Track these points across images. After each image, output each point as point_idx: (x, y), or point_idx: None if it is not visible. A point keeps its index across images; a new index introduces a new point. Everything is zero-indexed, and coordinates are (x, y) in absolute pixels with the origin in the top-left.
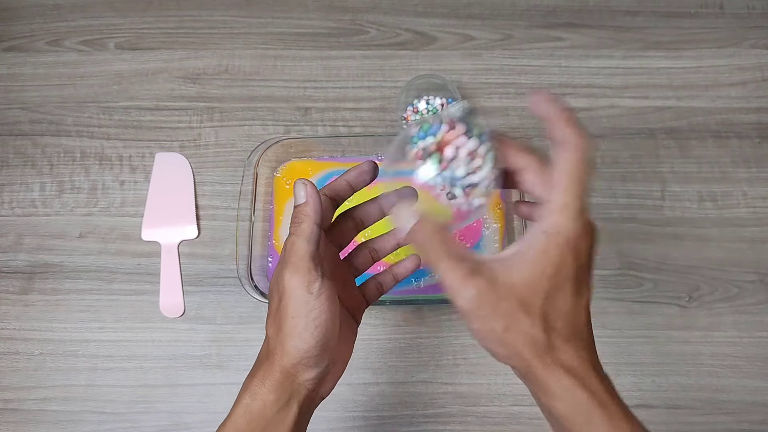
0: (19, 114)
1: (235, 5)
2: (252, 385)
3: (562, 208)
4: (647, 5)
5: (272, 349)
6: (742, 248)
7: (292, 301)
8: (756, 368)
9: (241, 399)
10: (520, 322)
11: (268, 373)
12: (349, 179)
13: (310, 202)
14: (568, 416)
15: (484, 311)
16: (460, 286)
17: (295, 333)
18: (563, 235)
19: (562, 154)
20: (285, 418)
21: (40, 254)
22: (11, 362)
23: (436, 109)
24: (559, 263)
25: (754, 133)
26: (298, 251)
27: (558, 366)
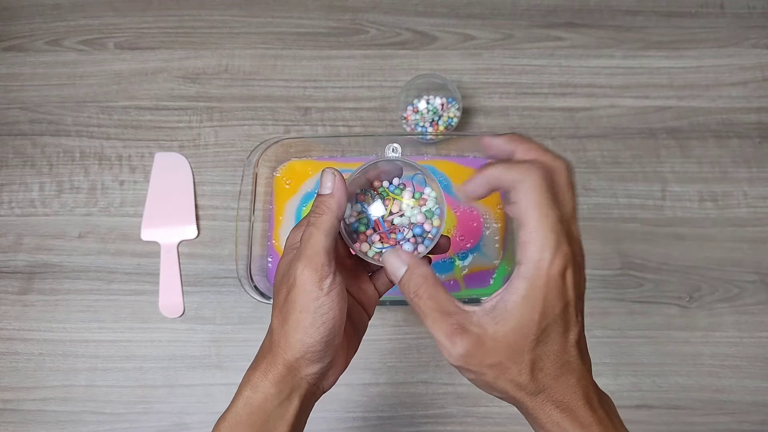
0: (18, 114)
1: (235, 5)
2: (254, 378)
3: (539, 249)
4: (648, 5)
5: (276, 342)
6: (743, 248)
7: (302, 295)
8: (756, 368)
9: (242, 391)
10: (509, 371)
11: (271, 365)
12: (369, 177)
13: (336, 195)
14: None
15: (473, 365)
16: (448, 343)
17: (300, 327)
18: (543, 278)
19: (521, 193)
20: (286, 412)
21: (40, 254)
22: (11, 362)
23: (436, 108)
24: (544, 306)
25: (754, 133)
26: (315, 245)
27: (548, 402)
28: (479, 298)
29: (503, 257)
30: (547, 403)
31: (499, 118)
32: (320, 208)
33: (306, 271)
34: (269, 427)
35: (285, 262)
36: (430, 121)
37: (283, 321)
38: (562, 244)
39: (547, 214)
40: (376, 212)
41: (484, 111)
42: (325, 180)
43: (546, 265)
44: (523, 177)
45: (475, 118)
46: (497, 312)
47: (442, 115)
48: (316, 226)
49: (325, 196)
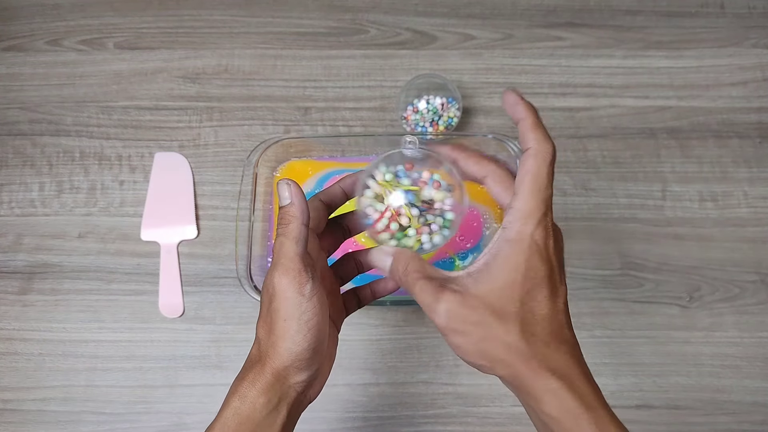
0: (18, 114)
1: (235, 5)
2: (241, 388)
3: (526, 216)
4: (648, 5)
5: (263, 351)
6: (743, 248)
7: (284, 303)
8: (757, 368)
9: (230, 401)
10: (494, 329)
11: (259, 375)
12: (344, 186)
13: (296, 202)
14: (557, 418)
15: (457, 323)
16: (432, 302)
17: (287, 335)
18: (527, 242)
19: (526, 161)
20: (274, 422)
21: (39, 254)
22: (10, 362)
23: (436, 108)
24: (528, 269)
25: (755, 132)
26: (287, 252)
27: (544, 369)
28: None
29: None
30: (543, 370)
31: (499, 118)
32: (285, 218)
33: (284, 279)
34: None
35: (267, 273)
36: (430, 121)
37: (269, 331)
38: (548, 217)
39: (545, 185)
40: (396, 202)
41: (484, 111)
42: (282, 191)
43: (530, 230)
44: (541, 144)
45: (475, 118)
46: (479, 274)
47: (442, 115)
48: (285, 235)
49: (287, 206)
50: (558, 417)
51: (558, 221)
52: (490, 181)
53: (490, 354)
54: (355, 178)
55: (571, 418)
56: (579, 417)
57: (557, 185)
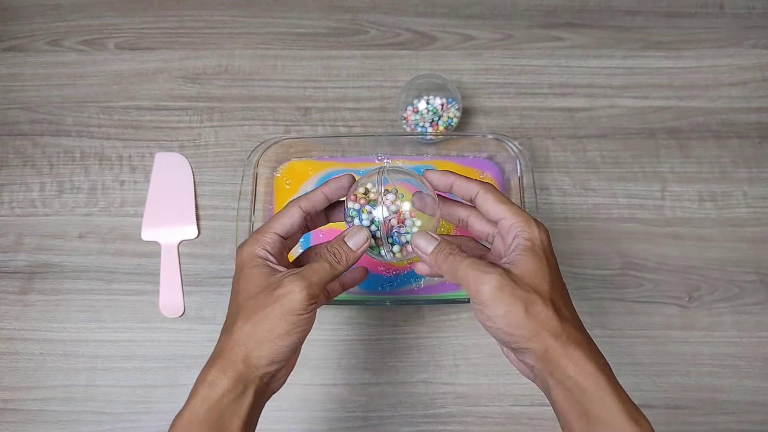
0: (18, 114)
1: (235, 5)
2: (210, 375)
3: (527, 225)
4: (647, 5)
5: (239, 340)
6: (742, 248)
7: (288, 307)
8: (756, 368)
9: (199, 389)
10: (536, 304)
11: (229, 363)
12: (326, 192)
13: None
14: (580, 384)
15: (505, 295)
16: (482, 275)
17: (275, 333)
18: (538, 241)
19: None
20: (240, 407)
21: (40, 254)
22: (11, 362)
23: (436, 109)
24: (547, 260)
25: (754, 133)
26: (322, 280)
27: (571, 343)
28: None
29: None
30: (570, 344)
31: (498, 118)
32: (340, 258)
33: (303, 294)
34: (225, 422)
35: (262, 272)
36: (430, 122)
37: (257, 323)
38: (537, 222)
39: (514, 206)
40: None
41: (484, 111)
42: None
43: (537, 234)
44: (480, 186)
45: (475, 118)
46: (516, 261)
47: (442, 115)
48: (332, 269)
49: (352, 254)
50: (582, 382)
51: (558, 221)
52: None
53: (530, 325)
54: (339, 184)
55: (592, 383)
56: (599, 382)
57: (557, 185)
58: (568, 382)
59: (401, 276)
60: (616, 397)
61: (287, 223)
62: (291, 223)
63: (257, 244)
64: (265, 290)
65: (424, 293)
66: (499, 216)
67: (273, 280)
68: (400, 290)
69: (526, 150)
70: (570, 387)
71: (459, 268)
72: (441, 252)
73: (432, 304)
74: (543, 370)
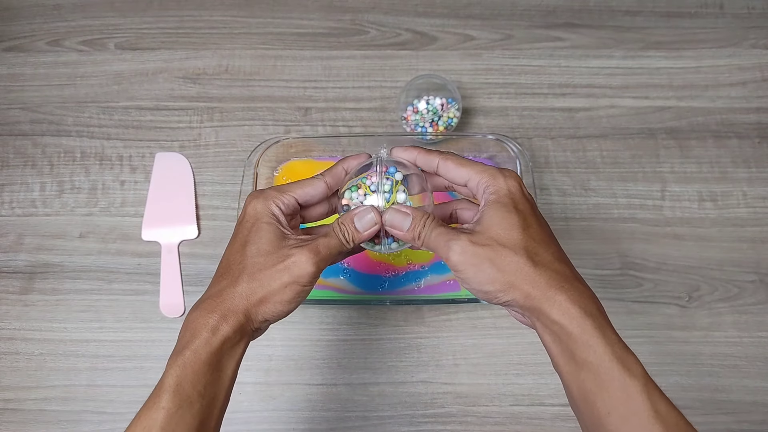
0: (19, 114)
1: (235, 5)
2: (212, 320)
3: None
4: (647, 5)
5: (243, 295)
6: (742, 248)
7: (295, 277)
8: (756, 368)
9: (201, 331)
10: (503, 255)
11: (232, 314)
12: (346, 167)
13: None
14: (565, 328)
15: (470, 257)
16: (448, 242)
17: (279, 296)
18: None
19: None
20: (236, 353)
21: (41, 254)
22: (11, 362)
23: (436, 109)
24: (515, 205)
25: (754, 133)
26: (331, 255)
27: (551, 287)
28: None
29: None
30: (550, 288)
31: (498, 119)
32: (350, 237)
33: (312, 268)
34: (223, 365)
35: (272, 230)
36: (430, 122)
37: (262, 285)
38: (504, 172)
39: (477, 164)
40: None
41: (484, 111)
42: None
43: (503, 184)
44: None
45: (474, 118)
46: (481, 219)
47: (442, 115)
48: (341, 246)
49: (359, 235)
50: (563, 322)
51: (557, 221)
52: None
53: (500, 280)
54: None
55: (575, 322)
56: (582, 320)
57: (557, 185)
58: (554, 327)
59: (401, 276)
60: (602, 340)
61: (310, 192)
62: (313, 193)
63: (274, 201)
64: (276, 253)
65: (424, 293)
66: (465, 178)
67: (284, 244)
68: (400, 290)
69: (526, 150)
70: (556, 331)
71: (431, 238)
72: (414, 229)
73: (432, 304)
74: (530, 317)
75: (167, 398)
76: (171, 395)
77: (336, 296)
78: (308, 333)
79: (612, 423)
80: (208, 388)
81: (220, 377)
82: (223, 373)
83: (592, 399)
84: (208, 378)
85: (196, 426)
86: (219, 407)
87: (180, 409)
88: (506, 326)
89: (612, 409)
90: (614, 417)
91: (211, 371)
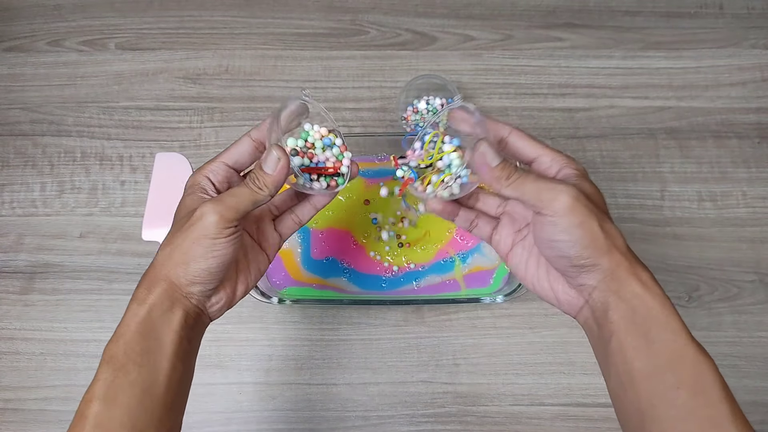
0: (19, 114)
1: (236, 6)
2: (139, 294)
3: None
4: (647, 5)
5: (161, 262)
6: (742, 248)
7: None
8: (756, 368)
9: (130, 306)
10: (606, 222)
11: (154, 282)
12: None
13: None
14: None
15: (581, 207)
16: (555, 188)
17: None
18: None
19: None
20: (170, 321)
21: (41, 254)
22: (12, 362)
23: (436, 109)
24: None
25: (753, 133)
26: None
27: (638, 263)
28: (479, 298)
29: None
30: (638, 264)
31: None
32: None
33: (215, 218)
34: (157, 333)
35: (192, 199)
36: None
37: (175, 247)
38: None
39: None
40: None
41: (484, 111)
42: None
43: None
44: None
45: None
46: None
47: None
48: (253, 194)
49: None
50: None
51: None
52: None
53: (603, 241)
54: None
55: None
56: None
57: None
58: (635, 300)
59: (401, 276)
60: (678, 319)
61: (234, 152)
62: (239, 152)
63: (201, 173)
64: (187, 215)
65: (424, 293)
66: (536, 154)
67: (196, 205)
68: (400, 290)
69: None
70: (635, 305)
71: (527, 181)
72: (506, 167)
73: (432, 304)
74: (607, 289)
75: (103, 370)
76: (106, 366)
77: (336, 296)
78: (308, 333)
79: (680, 397)
80: (145, 357)
81: (157, 345)
82: (159, 341)
83: (660, 375)
84: (142, 346)
85: (137, 396)
86: (164, 379)
87: (117, 378)
88: (506, 326)
89: (682, 384)
90: (684, 391)
91: (145, 339)
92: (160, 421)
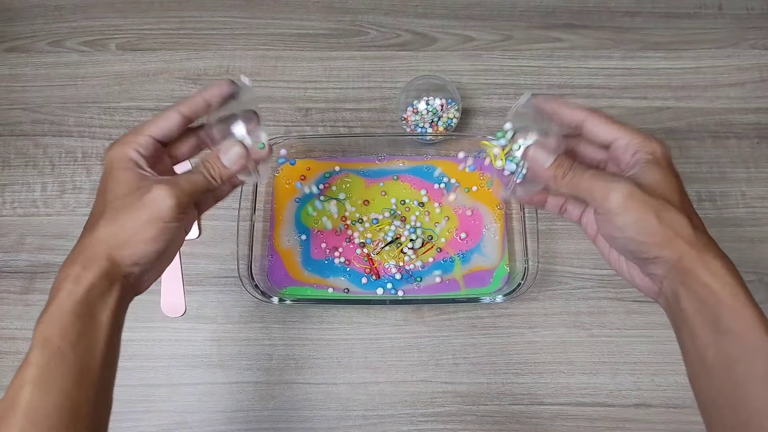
0: (20, 114)
1: (236, 6)
2: (73, 270)
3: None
4: (646, 6)
5: (101, 239)
6: (741, 248)
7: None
8: None
9: (63, 284)
10: (669, 211)
11: (92, 260)
12: (206, 97)
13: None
14: (716, 293)
15: (636, 202)
16: (610, 186)
17: (141, 236)
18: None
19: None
20: (108, 301)
21: (42, 254)
22: (12, 362)
23: (436, 109)
24: (670, 169)
25: (752, 133)
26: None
27: (708, 251)
28: (479, 297)
29: (503, 257)
30: (705, 252)
31: (498, 119)
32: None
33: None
34: (95, 314)
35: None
36: (430, 122)
37: (121, 226)
38: (655, 136)
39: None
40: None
41: (484, 112)
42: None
43: (659, 148)
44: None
45: (474, 118)
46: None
47: (442, 115)
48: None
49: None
50: (714, 287)
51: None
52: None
53: (662, 233)
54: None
55: (728, 289)
56: (735, 288)
57: None
58: (703, 291)
59: (401, 276)
60: (753, 310)
61: (164, 126)
62: (168, 126)
63: (129, 146)
64: (134, 193)
65: (424, 293)
66: (614, 136)
67: (143, 184)
68: (400, 290)
69: None
70: (704, 296)
71: (582, 179)
72: (561, 165)
73: (432, 304)
74: (674, 279)
75: (36, 354)
76: (40, 350)
77: (336, 296)
78: (308, 332)
79: (754, 390)
80: (81, 339)
81: (94, 326)
82: (96, 321)
83: (732, 366)
84: (78, 328)
85: (72, 378)
86: (100, 357)
87: (51, 362)
88: (505, 326)
89: (756, 377)
90: (757, 384)
91: (81, 321)
92: (96, 397)
